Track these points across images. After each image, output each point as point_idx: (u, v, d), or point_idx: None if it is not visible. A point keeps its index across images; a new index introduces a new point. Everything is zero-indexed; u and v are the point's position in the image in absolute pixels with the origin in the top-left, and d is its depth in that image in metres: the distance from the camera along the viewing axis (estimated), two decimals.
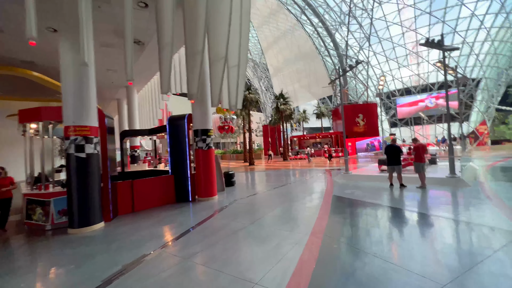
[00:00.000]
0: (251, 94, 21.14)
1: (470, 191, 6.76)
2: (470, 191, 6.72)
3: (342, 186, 8.86)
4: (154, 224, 5.51)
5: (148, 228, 5.23)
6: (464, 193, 6.63)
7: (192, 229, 4.95)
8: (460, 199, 6.18)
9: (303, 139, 33.74)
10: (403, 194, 6.99)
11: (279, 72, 40.19)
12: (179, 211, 6.65)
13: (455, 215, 4.93)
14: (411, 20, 38.88)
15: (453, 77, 11.73)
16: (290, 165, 19.25)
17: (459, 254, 3.31)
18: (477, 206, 5.41)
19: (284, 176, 12.77)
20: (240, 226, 4.90)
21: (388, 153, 7.88)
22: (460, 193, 6.63)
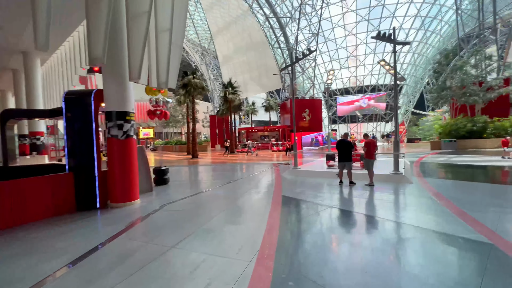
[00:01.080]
0: (196, 79, 18.95)
1: (415, 189, 6.69)
2: (415, 189, 6.64)
3: (291, 183, 8.06)
4: (10, 256, 3.47)
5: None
6: (411, 191, 6.50)
7: (72, 265, 3.16)
8: (410, 199, 5.92)
9: (251, 132, 33.05)
10: (354, 193, 6.49)
11: (228, 61, 38.30)
12: (75, 226, 4.65)
13: (413, 220, 4.45)
14: (353, 25, 41.96)
15: (392, 76, 12.15)
16: (237, 159, 18.08)
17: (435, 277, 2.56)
18: (431, 208, 5.12)
19: (229, 172, 11.47)
20: (157, 252, 3.37)
21: (339, 149, 7.35)
22: (407, 192, 6.47)
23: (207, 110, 48.44)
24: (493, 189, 6.60)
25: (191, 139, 20.59)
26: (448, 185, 7.19)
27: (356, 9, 39.71)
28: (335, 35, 44.40)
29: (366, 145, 7.13)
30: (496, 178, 8.28)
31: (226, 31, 35.79)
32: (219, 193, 7.08)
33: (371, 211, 5.01)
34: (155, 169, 8.44)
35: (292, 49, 28.75)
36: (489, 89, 19.86)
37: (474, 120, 19.48)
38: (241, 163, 15.39)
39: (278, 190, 6.98)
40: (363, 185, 7.19)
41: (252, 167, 12.93)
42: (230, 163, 15.41)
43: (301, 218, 4.68)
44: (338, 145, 7.41)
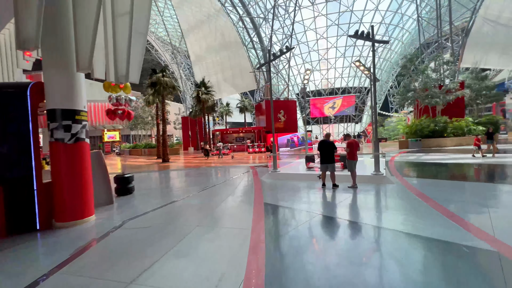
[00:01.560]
0: (166, 78, 17.67)
1: (399, 190, 6.54)
2: (399, 191, 6.48)
3: (272, 188, 7.52)
4: None
5: None
6: (396, 193, 6.31)
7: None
8: (398, 203, 5.68)
9: (226, 134, 32.16)
10: (339, 197, 6.13)
11: (201, 60, 37.02)
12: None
13: (409, 227, 4.13)
14: (324, 29, 43.27)
15: (367, 77, 12.36)
16: (211, 162, 17.15)
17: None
18: (420, 211, 4.89)
19: (204, 177, 10.61)
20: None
21: (321, 150, 6.98)
22: (392, 194, 6.28)
23: (179, 112, 46.36)
24: (474, 187, 6.69)
25: (162, 141, 19.18)
26: (430, 184, 7.17)
27: (327, 13, 40.99)
28: (307, 38, 45.44)
29: (349, 146, 6.85)
30: (472, 176, 8.49)
31: (198, 29, 34.54)
32: (193, 202, 6.26)
33: (364, 218, 4.62)
34: (117, 177, 7.34)
35: (266, 50, 28.56)
36: (447, 91, 21.44)
37: (436, 120, 20.87)
38: (216, 166, 14.55)
39: (259, 197, 6.38)
40: (346, 188, 6.89)
41: (228, 171, 12.19)
42: (205, 166, 14.48)
43: (288, 231, 4.11)
44: (320, 146, 7.04)
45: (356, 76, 48.87)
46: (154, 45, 47.71)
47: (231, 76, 35.28)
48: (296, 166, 11.00)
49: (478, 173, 8.77)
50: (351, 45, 44.28)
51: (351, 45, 44.25)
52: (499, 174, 8.38)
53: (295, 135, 25.74)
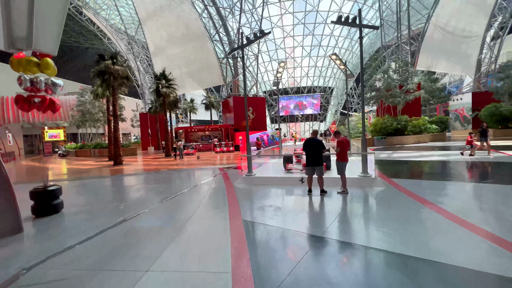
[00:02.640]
0: (117, 66, 15.04)
1: (394, 194, 5.78)
2: (395, 195, 5.71)
3: (249, 197, 6.22)
4: None
5: None
6: (392, 198, 5.51)
7: None
8: (402, 212, 4.82)
9: (190, 132, 29.83)
10: (331, 206, 5.11)
11: (162, 52, 33.81)
12: None
13: (431, 250, 3.19)
14: (290, 27, 43.28)
15: (342, 71, 11.81)
16: (174, 164, 15.14)
17: None
18: (433, 223, 4.05)
19: (164, 183, 8.82)
20: None
21: (308, 150, 5.91)
22: (389, 199, 5.46)
23: (136, 108, 42.03)
24: (472, 188, 6.26)
25: (113, 141, 16.45)
26: (425, 186, 6.58)
27: (294, 11, 40.98)
28: (274, 36, 45.03)
29: (339, 145, 5.88)
30: (465, 175, 8.03)
31: (158, 17, 31.35)
32: (145, 224, 4.62)
33: (370, 239, 3.59)
34: (34, 191, 5.27)
35: (234, 43, 27.06)
36: (407, 92, 22.57)
37: (398, 119, 21.80)
38: (180, 169, 12.69)
39: (235, 211, 5.01)
40: (335, 194, 5.93)
41: (194, 174, 10.53)
42: (167, 170, 12.51)
43: (282, 267, 2.84)
44: (306, 145, 5.95)
45: (321, 76, 50.17)
46: (107, 32, 42.48)
47: (195, 70, 32.86)
48: (272, 168, 9.86)
49: (479, 172, 8.33)
50: (316, 45, 45.19)
51: (317, 45, 45.17)
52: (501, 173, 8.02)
53: (264, 133, 24.79)
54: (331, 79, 51.04)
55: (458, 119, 36.54)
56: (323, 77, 50.35)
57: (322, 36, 44.06)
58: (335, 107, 56.09)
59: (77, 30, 55.91)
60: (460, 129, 35.75)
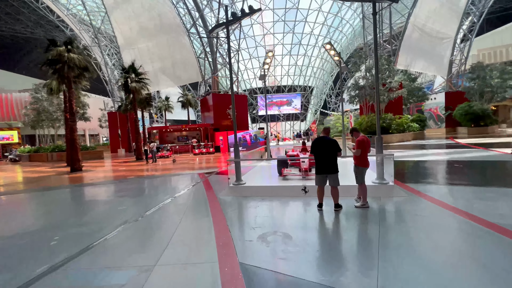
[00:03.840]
0: (73, 54, 12.59)
1: (427, 207, 4.57)
2: (429, 208, 4.50)
3: (242, 219, 4.67)
4: None
5: None
6: (427, 213, 4.30)
7: None
8: (455, 235, 3.58)
9: (165, 132, 27.38)
10: (353, 230, 3.74)
11: (132, 45, 30.82)
12: None
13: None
14: (270, 24, 42.19)
15: (336, 63, 10.71)
16: (145, 169, 13.06)
17: None
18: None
19: (128, 197, 6.94)
20: None
21: (318, 152, 4.52)
22: (423, 214, 4.24)
23: (104, 107, 38.26)
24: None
25: (70, 143, 13.94)
26: (459, 194, 5.45)
27: (274, 8, 39.92)
28: (254, 32, 43.69)
29: (360, 145, 4.55)
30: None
31: (127, 6, 28.42)
32: (89, 278, 2.88)
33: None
34: None
35: (213, 36, 25.19)
36: (390, 90, 22.37)
37: (383, 117, 21.47)
38: (151, 176, 10.74)
39: (227, 247, 3.43)
40: (352, 208, 4.61)
41: (169, 183, 8.72)
42: (134, 177, 10.48)
43: None
44: (316, 146, 4.56)
45: (301, 74, 49.76)
46: (69, 23, 38.21)
47: (170, 66, 30.36)
48: (263, 173, 8.38)
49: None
50: (296, 43, 44.59)
51: (297, 43, 44.58)
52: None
53: (247, 133, 23.28)
54: (311, 78, 50.87)
55: (432, 118, 37.93)
56: (303, 76, 49.99)
57: (302, 35, 43.55)
58: (315, 106, 56.17)
59: (34, 20, 50.04)
60: (434, 127, 37.11)
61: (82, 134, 55.88)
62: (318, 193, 4.69)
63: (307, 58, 46.92)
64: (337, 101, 64.57)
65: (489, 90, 27.99)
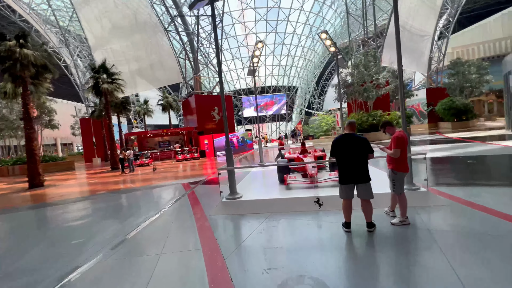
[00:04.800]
0: (26, 49, 10.67)
1: (483, 218, 3.56)
2: (486, 220, 3.49)
3: (243, 254, 3.36)
4: None
5: None
6: (490, 228, 3.27)
7: None
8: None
9: (145, 138, 25.36)
10: (421, 267, 2.62)
11: (104, 45, 28.50)
12: None
13: None
14: (252, 24, 41.24)
15: (332, 54, 9.79)
16: (120, 181, 11.35)
17: None
18: None
19: (84, 225, 5.38)
20: None
21: (343, 154, 3.40)
22: (491, 232, 3.19)
23: (76, 112, 35.28)
24: None
25: (29, 154, 11.93)
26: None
27: (255, 7, 39.04)
28: (236, 32, 42.56)
29: (399, 143, 3.44)
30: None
31: (97, 2, 26.18)
32: None
33: None
34: None
35: (193, 34, 23.70)
36: (377, 86, 22.05)
37: (372, 114, 21.05)
38: (127, 190, 9.13)
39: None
40: (389, 226, 3.51)
41: (145, 199, 7.22)
42: (105, 192, 8.82)
43: None
44: (339, 146, 3.43)
45: (285, 75, 49.21)
46: (33, 23, 34.90)
47: (148, 66, 28.39)
48: (259, 181, 7.13)
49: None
50: (279, 43, 43.96)
51: (280, 43, 43.97)
52: None
53: (234, 135, 21.94)
54: (295, 78, 50.47)
55: (414, 114, 38.62)
56: (288, 76, 49.47)
57: (285, 34, 43.02)
58: (300, 106, 55.87)
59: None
60: (417, 123, 37.78)
61: (53, 144, 51.66)
62: (345, 209, 3.53)
63: (291, 58, 46.47)
64: (320, 101, 64.96)
65: (468, 85, 28.71)
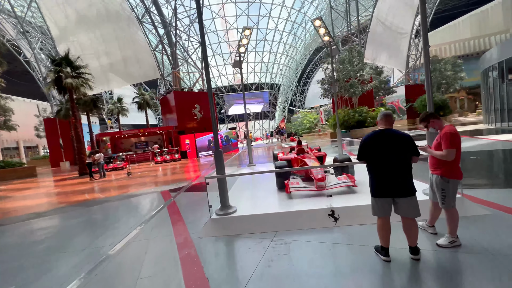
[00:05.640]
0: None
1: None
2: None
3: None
4: None
5: None
6: None
7: None
8: None
9: (119, 138, 23.30)
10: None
11: (70, 37, 25.81)
12: None
13: None
14: (233, 18, 39.87)
15: (325, 44, 8.97)
16: (87, 190, 9.78)
17: None
18: None
19: (22, 264, 4.07)
20: None
21: (378, 156, 2.54)
22: None
23: (39, 112, 31.92)
24: None
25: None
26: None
27: (236, 1, 37.71)
28: (216, 27, 40.95)
29: (454, 141, 2.60)
30: None
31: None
32: None
33: None
34: None
35: (171, 26, 22.00)
36: (362, 82, 21.90)
37: (358, 111, 20.84)
38: (95, 201, 7.69)
39: None
40: (432, 249, 2.69)
41: (112, 216, 5.92)
42: (65, 205, 7.33)
43: None
44: (372, 147, 2.56)
45: (268, 72, 48.43)
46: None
47: (121, 61, 26.15)
48: (255, 186, 6.12)
49: None
50: (261, 39, 43.02)
51: (261, 39, 43.03)
52: None
53: (218, 134, 20.66)
54: (277, 75, 49.86)
55: (394, 110, 39.63)
56: (270, 73, 48.73)
57: (267, 30, 42.13)
58: (282, 104, 55.48)
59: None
60: (397, 119, 38.80)
61: (15, 147, 46.82)
62: (381, 230, 2.64)
63: (273, 54, 45.74)
64: (302, 98, 65.14)
65: (444, 82, 29.73)
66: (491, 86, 16.58)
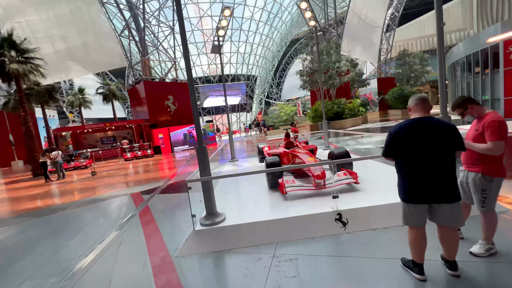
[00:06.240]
0: None
1: None
2: None
3: None
4: None
5: None
6: None
7: None
8: None
9: (81, 133, 20.98)
10: None
11: (16, 16, 22.33)
12: None
13: None
14: (207, 5, 37.81)
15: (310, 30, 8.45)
16: (40, 195, 8.32)
17: None
18: None
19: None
20: None
21: (412, 151, 2.01)
22: None
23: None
24: None
25: None
26: None
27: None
28: (189, 14, 38.56)
29: (501, 131, 2.14)
30: None
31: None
32: None
33: None
34: None
35: (137, 8, 19.89)
36: (339, 74, 21.97)
37: (336, 102, 20.92)
38: (47, 210, 6.45)
39: None
40: (466, 256, 2.26)
41: (68, 228, 4.87)
42: (10, 217, 6.01)
43: None
44: (406, 139, 2.01)
45: (244, 63, 47.18)
46: None
47: (81, 46, 23.32)
48: (241, 186, 5.42)
49: None
50: (237, 28, 41.50)
51: (237, 28, 41.51)
52: None
53: (193, 127, 19.50)
54: (254, 67, 48.84)
55: (367, 103, 41.07)
56: (246, 65, 47.52)
57: (243, 19, 40.69)
58: (259, 96, 54.79)
59: None
60: (370, 111, 40.30)
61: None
62: (414, 242, 2.14)
63: (249, 45, 44.51)
64: (278, 91, 65.01)
65: (413, 75, 31.18)
66: (458, 79, 17.45)
